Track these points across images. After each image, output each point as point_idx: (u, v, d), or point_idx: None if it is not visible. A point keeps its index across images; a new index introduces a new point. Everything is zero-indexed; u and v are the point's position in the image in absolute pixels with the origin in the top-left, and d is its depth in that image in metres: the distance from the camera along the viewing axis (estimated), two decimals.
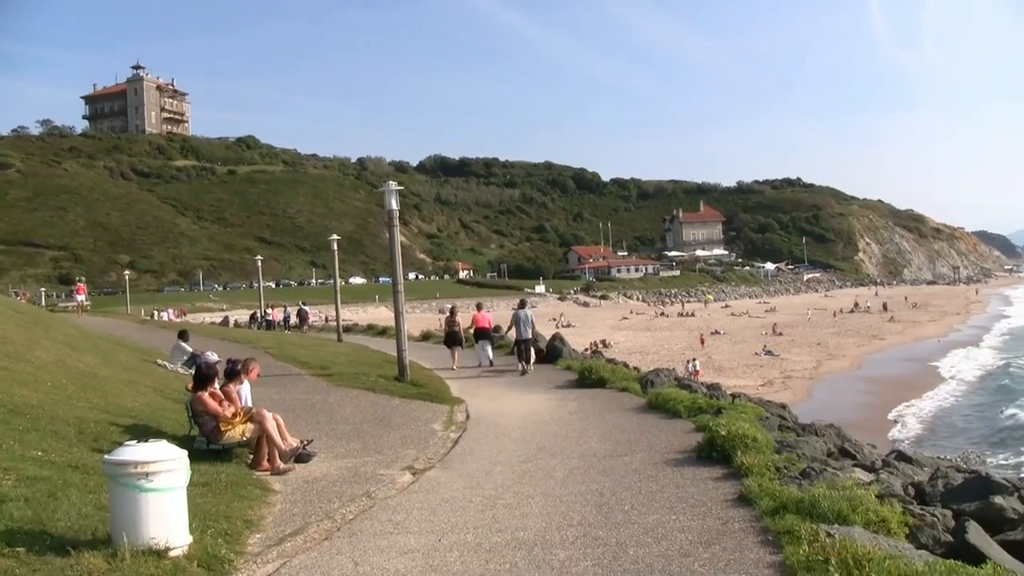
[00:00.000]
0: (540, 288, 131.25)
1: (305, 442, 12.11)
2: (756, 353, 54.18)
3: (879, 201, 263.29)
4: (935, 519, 9.75)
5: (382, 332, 43.51)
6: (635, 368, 26.56)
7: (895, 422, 33.32)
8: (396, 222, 21.79)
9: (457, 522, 9.01)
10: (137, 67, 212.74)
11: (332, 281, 45.76)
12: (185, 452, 7.35)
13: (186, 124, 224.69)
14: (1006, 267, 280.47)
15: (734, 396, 20.51)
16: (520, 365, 23.97)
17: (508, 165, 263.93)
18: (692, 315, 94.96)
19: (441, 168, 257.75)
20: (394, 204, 21.41)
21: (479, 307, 28.11)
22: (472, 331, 27.00)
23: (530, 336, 24.36)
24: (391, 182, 22.11)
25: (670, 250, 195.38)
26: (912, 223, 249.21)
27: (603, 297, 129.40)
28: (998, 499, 11.19)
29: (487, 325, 26.49)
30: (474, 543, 8.20)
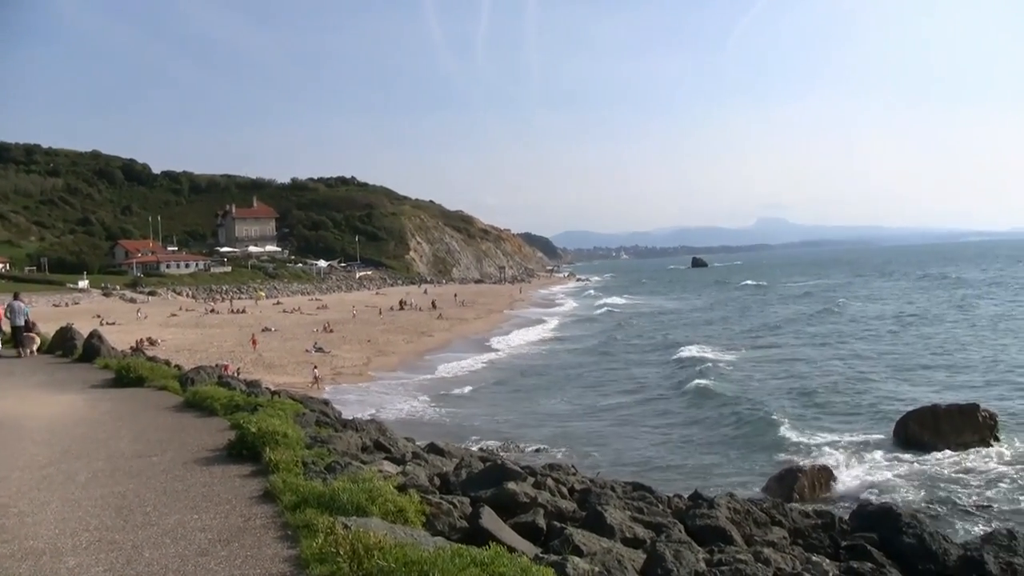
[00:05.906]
0: (84, 283, 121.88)
1: None
2: (307, 350, 54.48)
3: (431, 202, 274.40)
4: (452, 507, 10.33)
5: None
6: (177, 366, 25.86)
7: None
8: None
9: None
10: None
11: None
12: None
13: None
14: (548, 267, 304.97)
15: (274, 393, 20.55)
16: (18, 350, 27.16)
17: (52, 152, 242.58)
18: (243, 312, 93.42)
19: None
20: None
21: None
22: None
23: (22, 324, 27.53)
24: None
25: (222, 246, 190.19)
26: (462, 224, 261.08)
27: (152, 293, 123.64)
28: (511, 485, 12.07)
29: None
30: None
